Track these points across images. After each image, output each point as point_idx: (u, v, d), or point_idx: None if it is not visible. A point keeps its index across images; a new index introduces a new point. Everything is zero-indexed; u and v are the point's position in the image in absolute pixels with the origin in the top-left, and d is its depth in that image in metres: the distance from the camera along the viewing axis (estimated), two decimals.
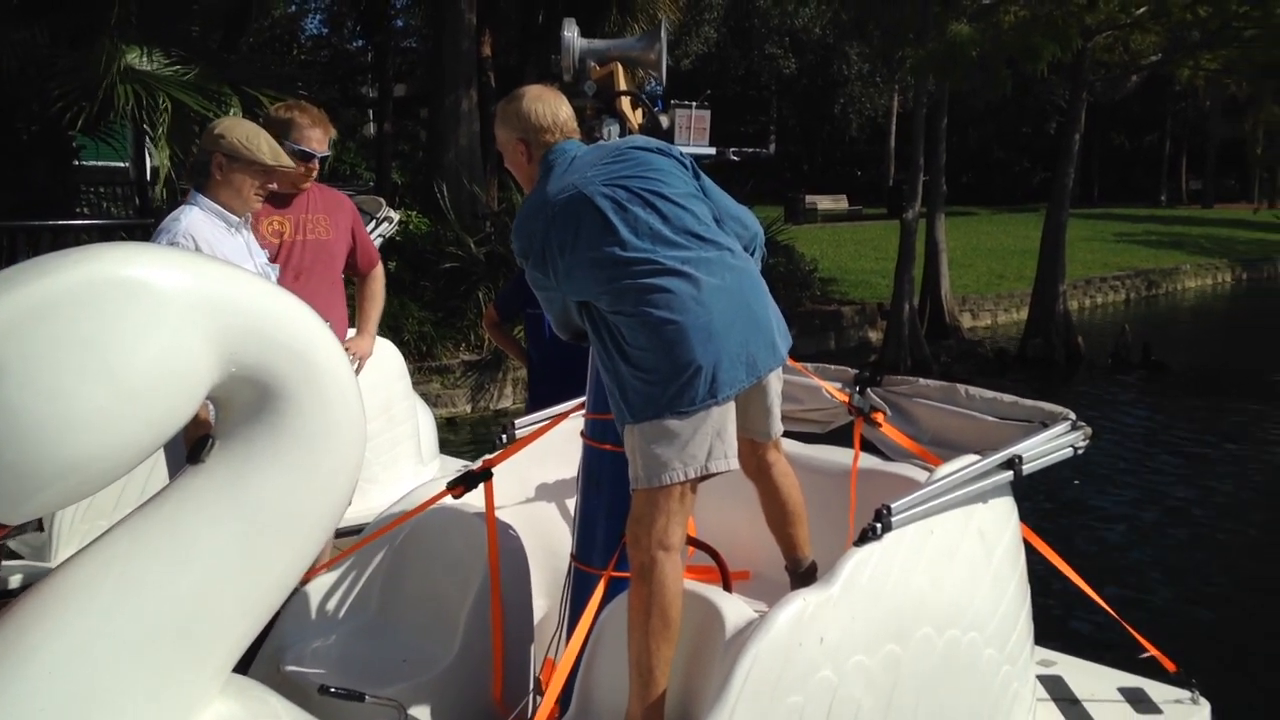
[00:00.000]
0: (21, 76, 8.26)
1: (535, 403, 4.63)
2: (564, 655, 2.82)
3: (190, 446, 2.47)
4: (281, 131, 3.93)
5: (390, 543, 3.61)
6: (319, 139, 3.97)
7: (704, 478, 2.83)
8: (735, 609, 2.85)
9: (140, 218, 12.10)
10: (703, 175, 3.02)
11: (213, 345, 2.32)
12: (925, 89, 13.70)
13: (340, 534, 3.67)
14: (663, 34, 3.21)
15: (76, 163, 10.12)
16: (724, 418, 2.82)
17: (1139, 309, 20.79)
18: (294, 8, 28.90)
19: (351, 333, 4.47)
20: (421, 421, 6.18)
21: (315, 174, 4.05)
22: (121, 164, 17.46)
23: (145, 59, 8.66)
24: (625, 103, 3.16)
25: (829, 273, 17.74)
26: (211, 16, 13.28)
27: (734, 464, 2.84)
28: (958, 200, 17.14)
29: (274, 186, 3.61)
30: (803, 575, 3.20)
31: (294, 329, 2.48)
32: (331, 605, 3.52)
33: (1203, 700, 3.67)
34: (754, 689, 2.57)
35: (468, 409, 10.35)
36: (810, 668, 2.67)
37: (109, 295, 2.21)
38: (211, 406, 2.49)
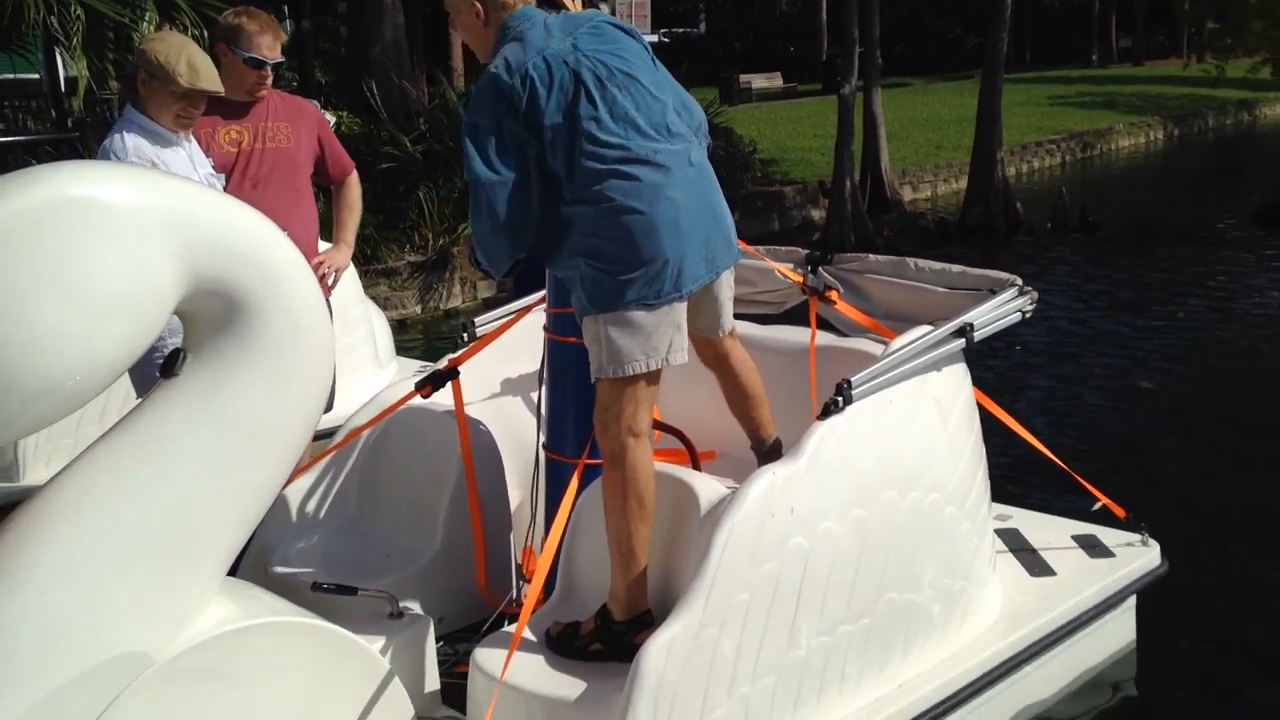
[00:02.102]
0: None
1: (518, 293, 4.59)
2: (547, 542, 2.92)
3: (163, 361, 2.49)
4: (230, 39, 3.83)
5: (364, 444, 3.67)
6: (269, 45, 3.87)
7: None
8: (708, 486, 2.96)
9: (60, 130, 11.74)
10: (659, 64, 3.01)
11: (174, 260, 2.33)
12: None
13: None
14: None
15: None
16: (683, 312, 2.88)
17: (1074, 171, 21.00)
18: None
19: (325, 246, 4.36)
20: (376, 325, 6.19)
21: (269, 81, 3.95)
22: (34, 75, 16.81)
23: None
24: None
25: (768, 153, 17.65)
26: None
27: (685, 357, 2.91)
28: (891, 71, 17.07)
29: (198, 110, 3.51)
30: (768, 453, 3.30)
31: (253, 239, 2.49)
32: (311, 507, 3.59)
33: (1152, 541, 3.88)
34: (731, 559, 2.69)
35: (418, 310, 10.31)
36: (783, 536, 2.79)
37: (65, 216, 2.21)
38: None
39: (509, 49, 2.81)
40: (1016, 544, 3.87)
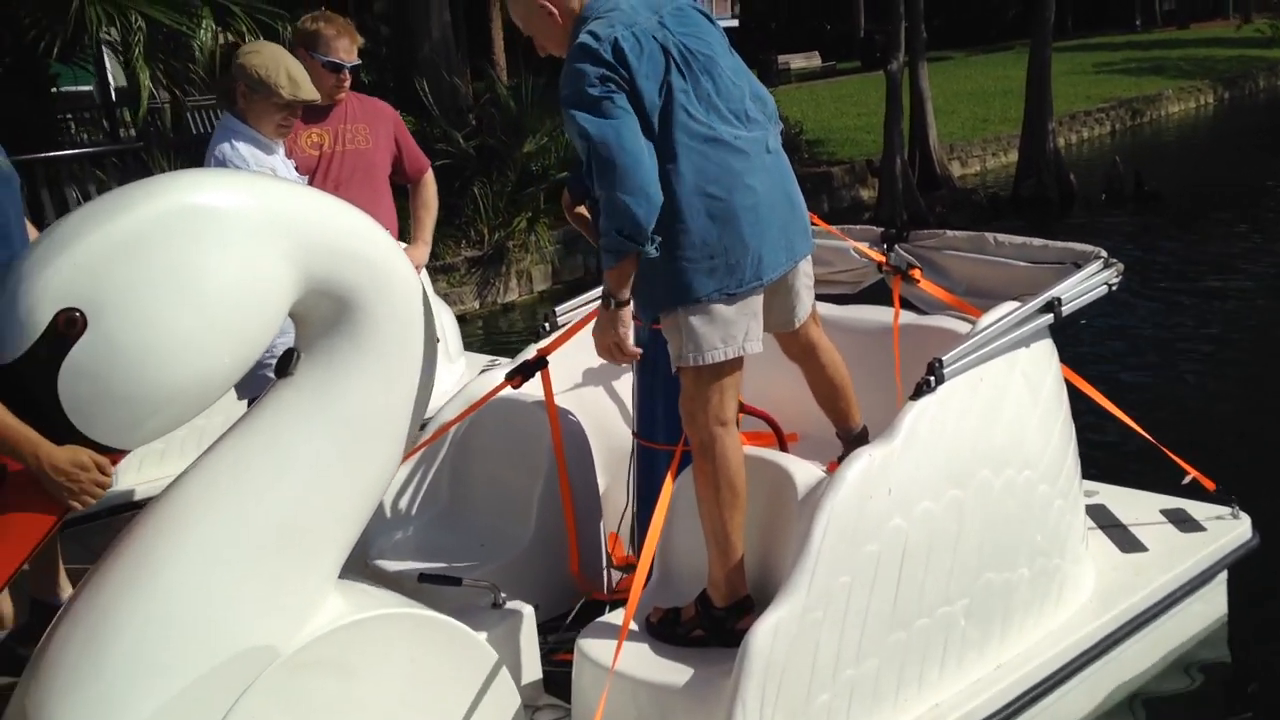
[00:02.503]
0: None
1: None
2: (650, 530, 2.94)
3: (278, 361, 2.55)
4: (308, 44, 3.90)
5: (452, 436, 3.73)
6: (346, 49, 3.94)
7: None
8: (803, 470, 2.98)
9: (114, 141, 11.96)
10: (733, 51, 3.01)
11: (289, 262, 2.39)
12: None
13: None
14: None
15: (55, 90, 9.94)
16: (760, 301, 2.88)
17: (1124, 139, 20.68)
18: None
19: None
20: (445, 321, 6.24)
21: (348, 84, 4.02)
22: (84, 88, 17.08)
23: None
24: None
25: (813, 134, 17.55)
26: None
27: (761, 346, 2.89)
28: (931, 45, 16.87)
29: (296, 119, 3.58)
30: (855, 440, 3.28)
31: (361, 240, 2.55)
32: (405, 500, 3.66)
33: (1243, 514, 3.84)
34: (833, 542, 2.71)
35: (476, 305, 10.39)
36: (882, 517, 2.81)
37: (188, 223, 2.28)
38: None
39: (593, 25, 2.73)
40: (1106, 520, 3.85)
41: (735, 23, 23.41)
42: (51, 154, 8.57)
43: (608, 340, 2.83)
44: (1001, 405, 3.11)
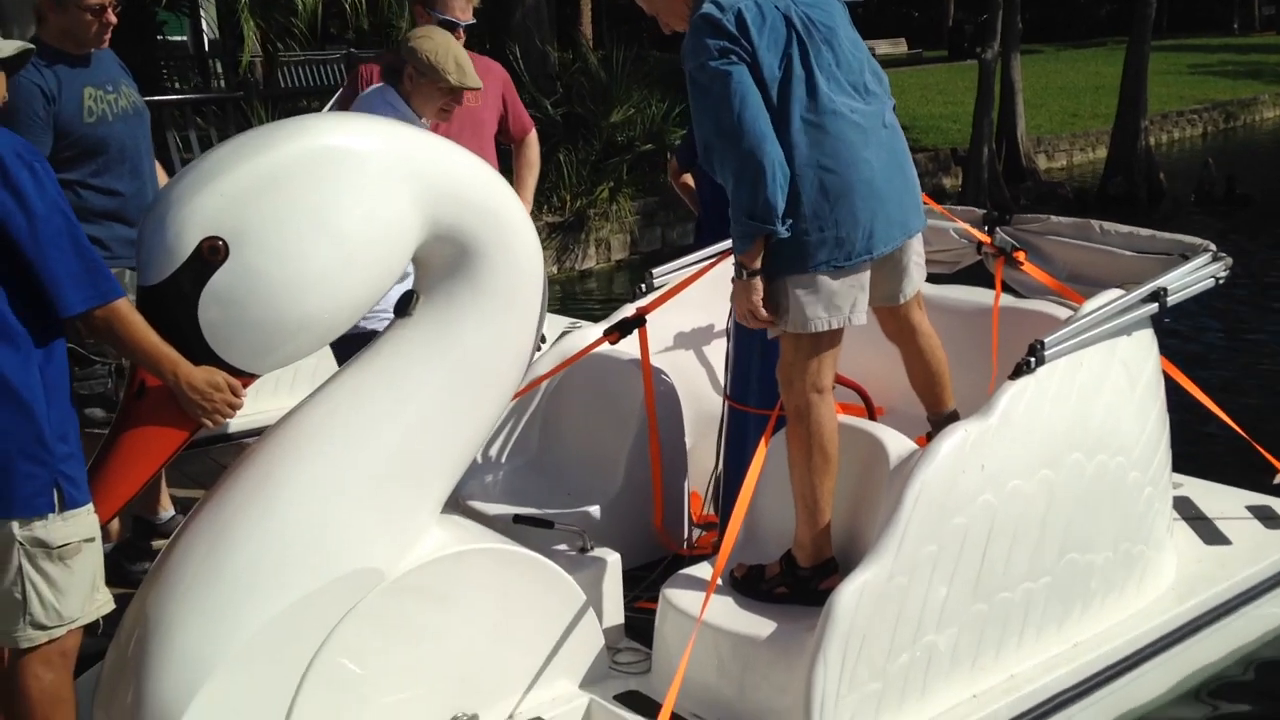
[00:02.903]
0: None
1: (699, 245, 4.66)
2: (742, 490, 3.00)
3: (398, 301, 2.65)
4: (426, 2, 3.98)
5: (546, 388, 3.81)
6: (462, 7, 4.02)
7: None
8: (897, 440, 3.02)
9: (205, 91, 12.23)
10: (853, 24, 3.02)
11: (417, 206, 2.48)
12: None
13: None
14: None
15: (160, 37, 10.19)
16: (868, 274, 2.89)
17: (1217, 142, 20.20)
18: None
19: None
20: None
21: (462, 41, 4.09)
22: (179, 38, 17.46)
23: None
24: None
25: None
26: None
27: (865, 318, 2.92)
28: (1022, 38, 16.65)
29: (459, 104, 3.64)
30: (944, 422, 3.24)
31: (486, 191, 2.64)
32: (497, 445, 3.76)
33: None
34: (923, 512, 2.76)
35: (554, 270, 10.50)
36: (973, 492, 2.85)
37: (329, 163, 2.38)
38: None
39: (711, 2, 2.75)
40: (1190, 512, 3.84)
41: None
42: (157, 98, 8.79)
43: (743, 307, 2.87)
44: (1099, 391, 3.12)
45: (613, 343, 3.65)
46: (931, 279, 3.94)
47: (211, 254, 2.28)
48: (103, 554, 2.42)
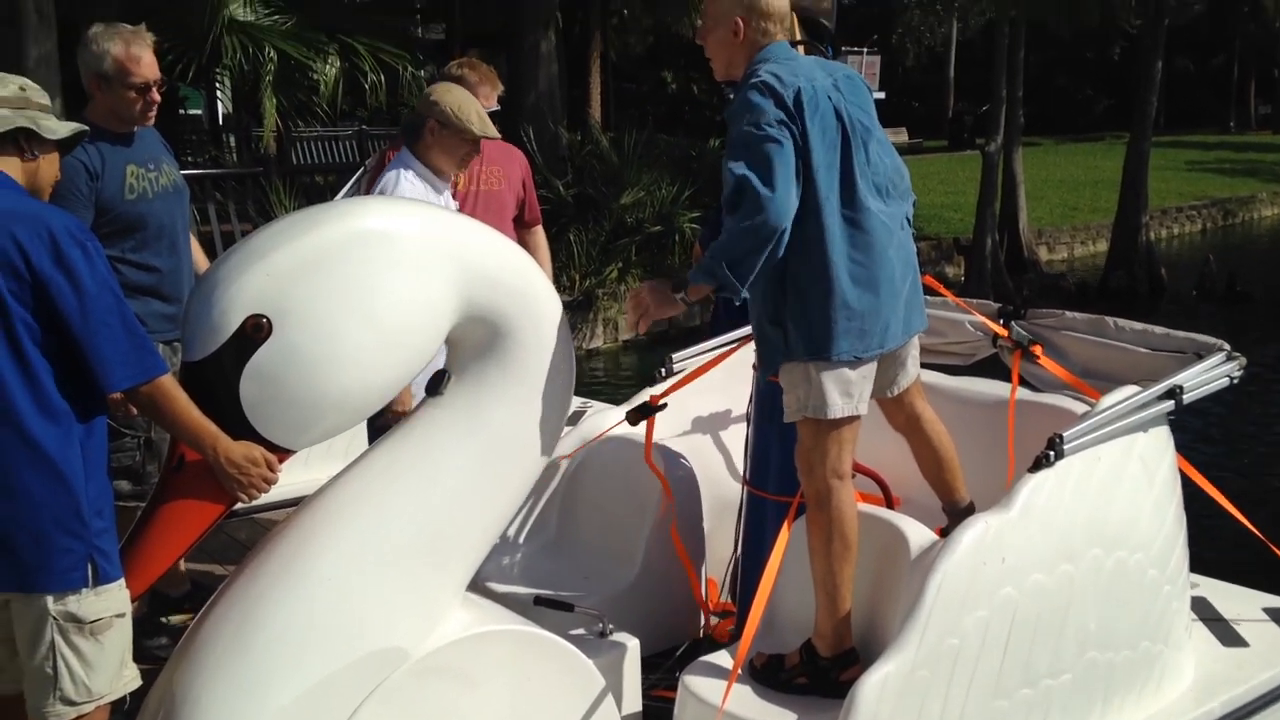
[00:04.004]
0: None
1: (716, 331, 4.72)
2: (763, 577, 3.01)
3: (430, 380, 2.69)
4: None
5: (564, 469, 3.83)
6: (487, 95, 4.14)
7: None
8: (917, 531, 3.04)
9: (217, 165, 12.42)
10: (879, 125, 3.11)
11: (452, 289, 2.54)
12: (1006, 20, 13.55)
13: None
14: None
15: (182, 111, 10.38)
16: (875, 367, 2.97)
17: (1215, 239, 20.50)
18: None
19: None
20: None
21: None
22: (194, 112, 17.76)
23: (247, 9, 8.86)
24: (800, 50, 3.27)
25: None
26: None
27: (867, 408, 2.98)
28: (1022, 131, 17.12)
29: (478, 153, 3.77)
30: (960, 514, 3.28)
31: (519, 273, 2.70)
32: (515, 526, 3.76)
33: None
34: (944, 604, 2.76)
35: None
36: (994, 585, 2.85)
37: (370, 246, 2.44)
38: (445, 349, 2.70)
39: (776, 68, 2.84)
40: (1208, 613, 3.83)
41: (881, 95, 24.17)
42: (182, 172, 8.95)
43: (649, 312, 2.95)
44: (1117, 487, 3.15)
45: (633, 425, 3.68)
46: (947, 370, 4.02)
47: (255, 331, 2.33)
48: (131, 629, 2.43)
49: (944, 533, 3.08)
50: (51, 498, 2.25)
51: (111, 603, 2.32)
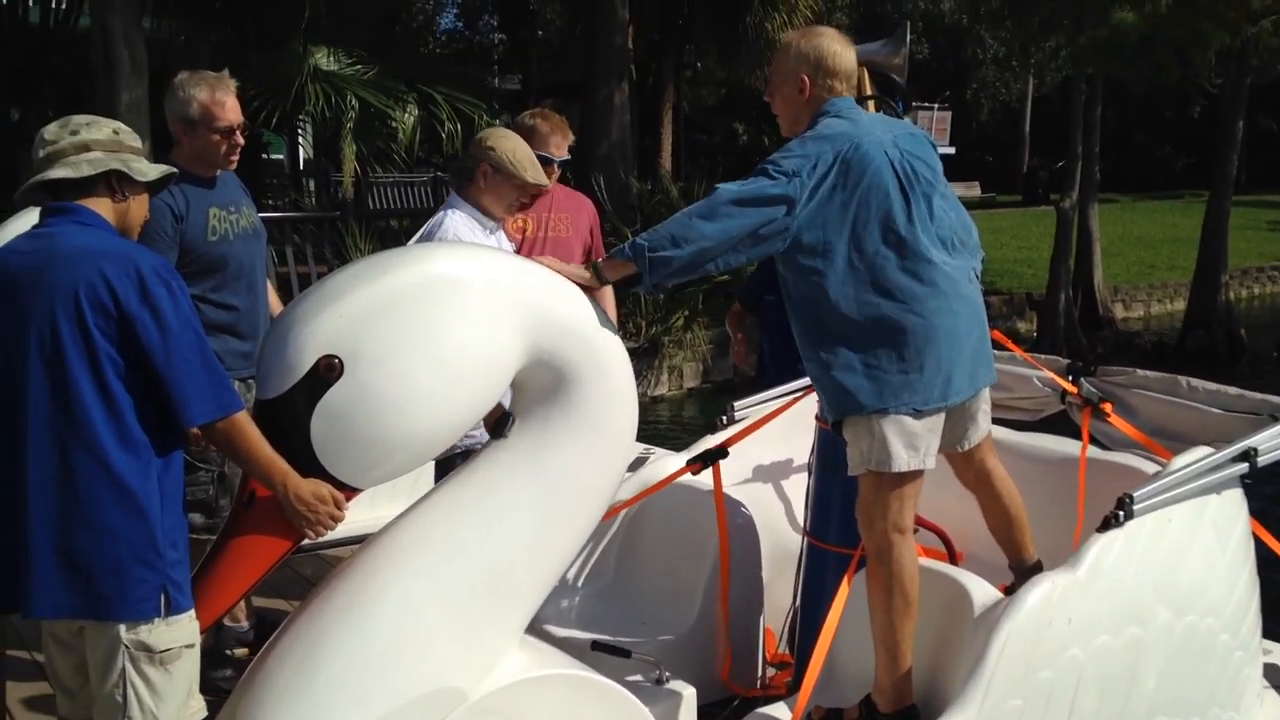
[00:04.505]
0: None
1: (762, 386, 4.75)
2: (824, 628, 2.99)
3: (493, 423, 2.73)
4: (525, 137, 4.18)
5: (624, 515, 3.85)
6: (558, 144, 4.22)
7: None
8: (982, 589, 2.99)
9: (297, 209, 12.75)
10: (946, 181, 3.12)
11: (519, 333, 2.58)
12: (1084, 76, 13.47)
13: None
14: (907, 38, 3.35)
15: (265, 156, 10.70)
16: (942, 420, 2.95)
17: None
18: (431, 3, 29.71)
19: None
20: None
21: (555, 176, 4.29)
22: (277, 157, 18.26)
23: (330, 59, 9.13)
24: (870, 106, 3.30)
25: None
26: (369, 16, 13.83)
27: (934, 462, 2.95)
28: (1098, 187, 16.94)
29: (529, 200, 3.84)
30: (1028, 572, 3.22)
31: (583, 318, 2.73)
32: (574, 570, 3.77)
33: None
34: (1008, 665, 2.72)
35: None
36: (1059, 646, 2.81)
37: (441, 290, 2.49)
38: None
39: (836, 123, 2.90)
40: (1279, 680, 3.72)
41: (952, 150, 24.47)
42: (262, 215, 9.24)
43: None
44: (1189, 549, 3.08)
45: (694, 473, 3.69)
46: (1015, 426, 3.97)
47: (327, 371, 2.38)
48: (199, 661, 2.48)
49: (1009, 590, 3.04)
50: (130, 529, 2.32)
51: (181, 633, 2.38)
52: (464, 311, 2.51)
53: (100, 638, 2.38)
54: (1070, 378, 3.80)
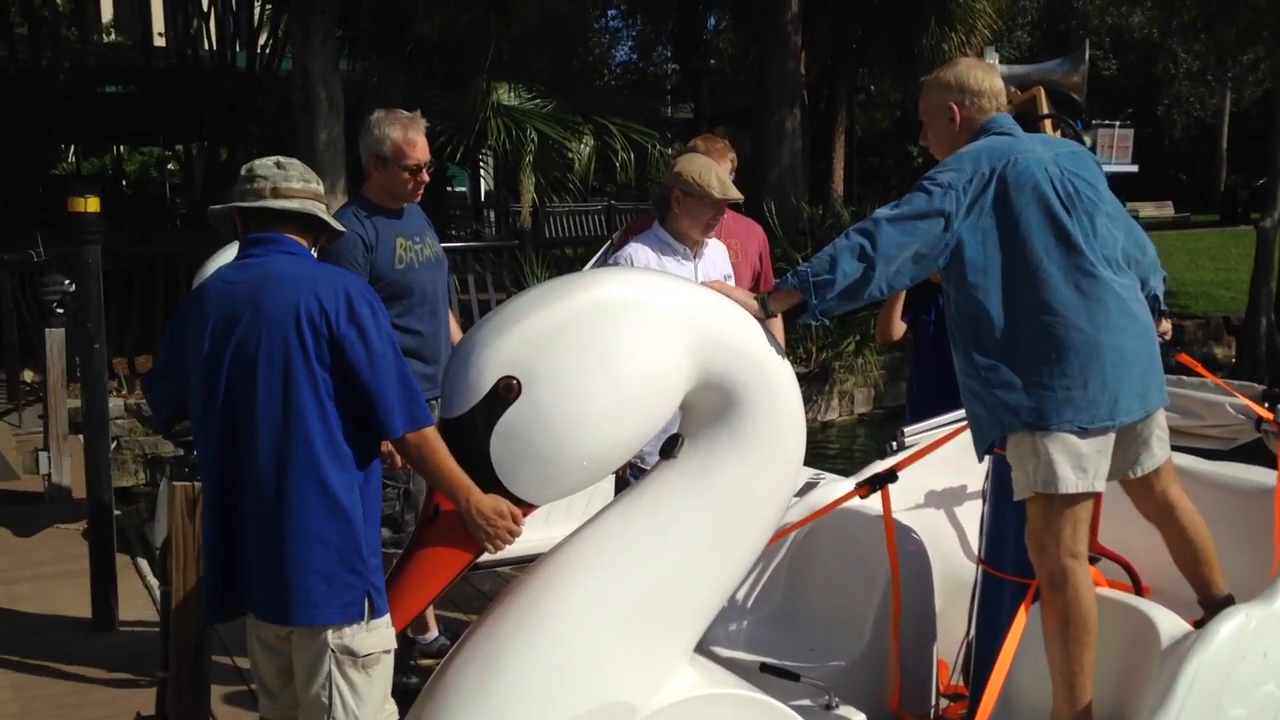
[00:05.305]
0: None
1: (915, 407, 4.71)
2: (1000, 659, 2.92)
3: (664, 444, 2.79)
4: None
5: (793, 539, 3.85)
6: (719, 188, 4.29)
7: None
8: (1169, 620, 2.88)
9: (478, 239, 13.22)
10: (1117, 202, 3.05)
11: (690, 355, 2.63)
12: None
13: None
14: (1086, 55, 3.28)
15: (449, 189, 11.17)
16: (1111, 442, 2.86)
17: None
18: (607, 37, 30.41)
19: None
20: None
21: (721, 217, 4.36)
22: (460, 189, 19.00)
23: (511, 95, 9.48)
24: (1047, 125, 3.25)
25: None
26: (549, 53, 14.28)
27: (1104, 485, 2.88)
28: None
29: (722, 217, 3.93)
30: (1217, 606, 3.06)
31: (751, 341, 2.77)
32: (742, 593, 3.79)
33: None
34: (1197, 700, 2.61)
35: None
36: (1253, 682, 2.68)
37: (615, 313, 2.57)
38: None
39: (990, 141, 2.91)
40: None
41: (1134, 168, 23.63)
42: (444, 245, 9.66)
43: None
44: None
45: (863, 497, 3.66)
46: (1207, 455, 3.80)
47: (506, 392, 2.49)
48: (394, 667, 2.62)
49: (1199, 625, 2.91)
50: (339, 538, 2.48)
51: (381, 639, 2.52)
52: (635, 334, 2.59)
53: (309, 643, 2.55)
54: (1267, 404, 3.62)
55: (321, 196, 2.76)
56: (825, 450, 9.73)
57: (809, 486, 4.02)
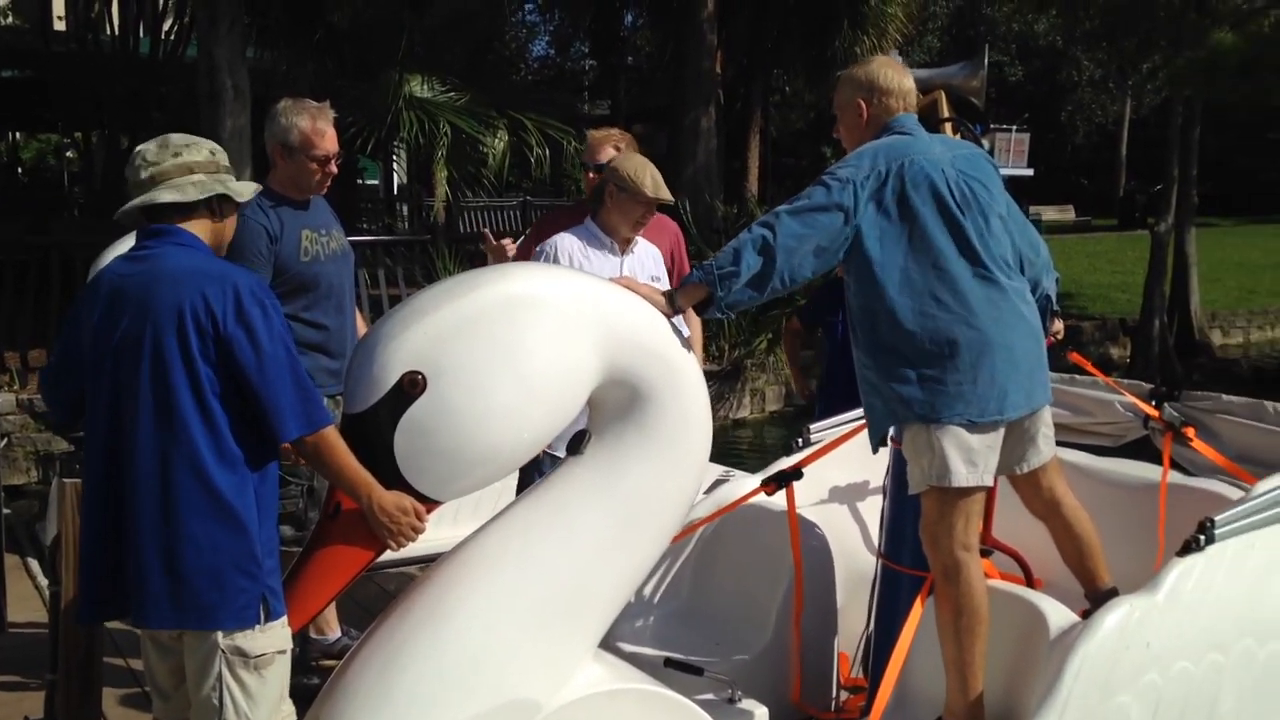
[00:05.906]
0: None
1: (825, 405, 4.79)
2: (894, 654, 2.99)
3: (570, 440, 2.80)
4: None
5: (699, 535, 3.88)
6: (605, 153, 4.31)
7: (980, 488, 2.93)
8: (1057, 611, 2.97)
9: (390, 233, 13.07)
10: (1013, 203, 3.14)
11: (597, 351, 2.64)
12: (1182, 99, 13.17)
13: None
14: (985, 61, 3.36)
15: (360, 181, 11.02)
16: (1000, 438, 2.95)
17: None
18: (524, 31, 30.25)
19: None
20: None
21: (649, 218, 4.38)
22: (372, 183, 18.74)
23: (424, 87, 9.38)
24: (947, 127, 3.32)
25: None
26: (463, 45, 14.16)
27: (993, 480, 2.97)
28: (1197, 211, 16.40)
29: (653, 214, 3.96)
30: (1101, 599, 3.15)
31: (659, 338, 2.79)
32: (648, 588, 3.82)
33: None
34: (1083, 689, 2.70)
35: None
36: (1137, 671, 2.77)
37: (522, 309, 2.57)
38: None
39: (890, 140, 2.99)
40: None
41: (1030, 171, 24.20)
42: (353, 239, 9.52)
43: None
44: (1273, 576, 3.02)
45: (769, 494, 3.71)
46: (1095, 451, 3.92)
47: (411, 387, 2.46)
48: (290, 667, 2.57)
49: (1086, 616, 3.01)
50: (230, 541, 2.43)
51: (275, 639, 2.48)
52: (543, 329, 2.58)
53: (199, 644, 2.49)
54: (1153, 402, 3.75)
55: (215, 162, 2.64)
56: (737, 447, 9.83)
57: (718, 483, 4.06)
